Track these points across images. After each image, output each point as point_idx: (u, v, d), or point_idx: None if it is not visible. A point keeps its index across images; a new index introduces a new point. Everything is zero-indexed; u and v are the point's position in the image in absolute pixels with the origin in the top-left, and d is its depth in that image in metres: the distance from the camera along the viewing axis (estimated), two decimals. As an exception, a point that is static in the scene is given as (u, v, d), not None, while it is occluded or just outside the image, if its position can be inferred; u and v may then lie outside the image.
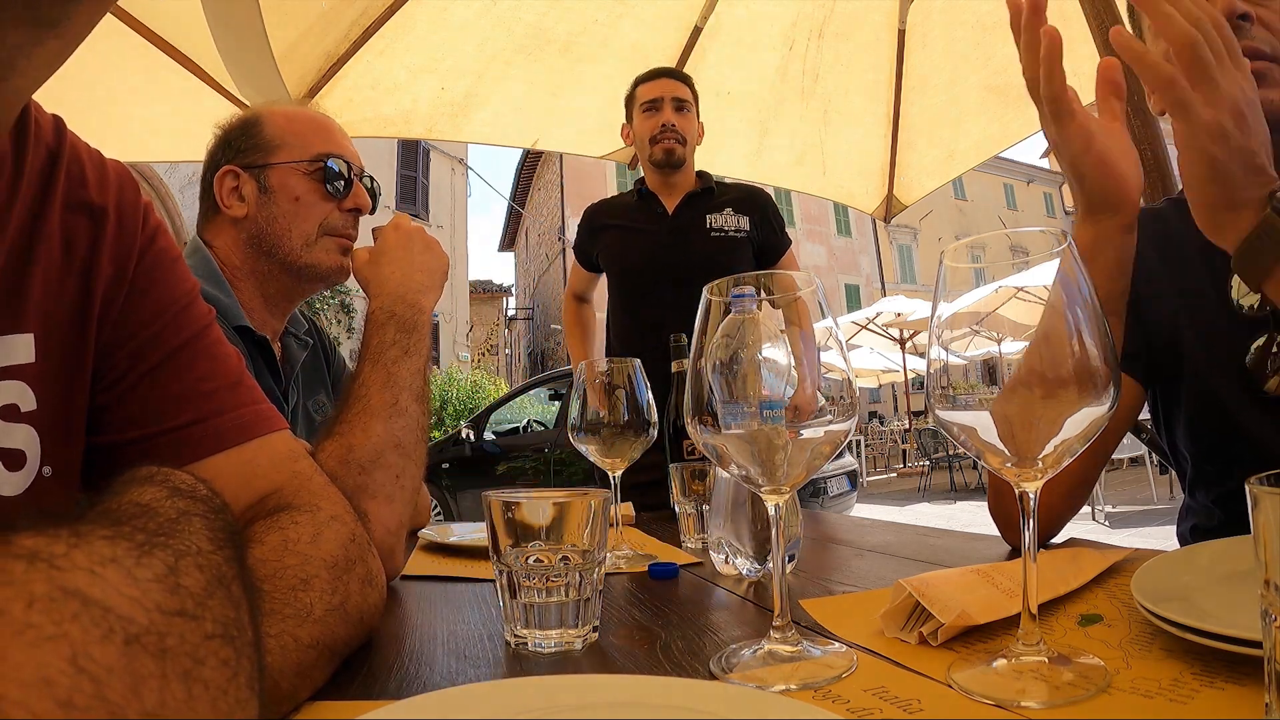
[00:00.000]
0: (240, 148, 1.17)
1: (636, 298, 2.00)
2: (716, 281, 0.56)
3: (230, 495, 0.40)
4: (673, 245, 1.98)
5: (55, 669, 0.21)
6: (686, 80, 2.05)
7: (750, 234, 2.00)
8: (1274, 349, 0.86)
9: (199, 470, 0.43)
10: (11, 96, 0.47)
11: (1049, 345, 0.47)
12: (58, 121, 0.60)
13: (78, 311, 0.58)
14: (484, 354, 16.89)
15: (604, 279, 2.19)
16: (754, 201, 2.06)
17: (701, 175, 2.10)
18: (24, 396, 0.54)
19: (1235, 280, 0.90)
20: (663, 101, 1.98)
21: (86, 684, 0.21)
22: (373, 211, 1.26)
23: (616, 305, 2.08)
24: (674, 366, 1.17)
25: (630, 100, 2.06)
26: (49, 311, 0.56)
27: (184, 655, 0.25)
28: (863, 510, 7.75)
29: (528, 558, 0.59)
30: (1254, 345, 0.87)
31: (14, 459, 0.53)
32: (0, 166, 0.54)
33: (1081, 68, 2.33)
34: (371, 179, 1.25)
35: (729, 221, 2.00)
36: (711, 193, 2.05)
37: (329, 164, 1.16)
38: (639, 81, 2.05)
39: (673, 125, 1.98)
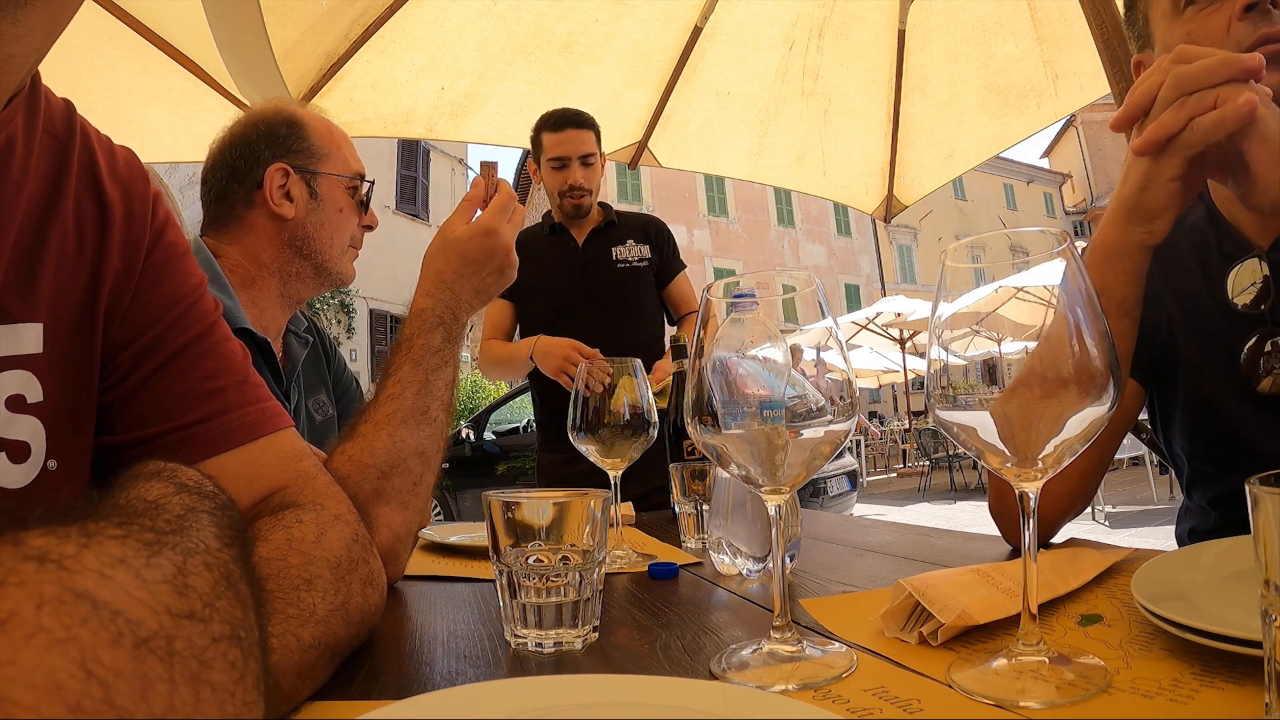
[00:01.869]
0: (290, 148, 1.19)
1: (554, 325, 2.06)
2: (716, 281, 0.56)
3: (235, 493, 0.40)
4: (584, 277, 2.11)
5: (65, 673, 0.21)
6: (592, 125, 2.07)
7: (651, 260, 2.16)
8: (1267, 348, 0.86)
9: (204, 469, 0.43)
10: (6, 64, 0.47)
11: (1049, 345, 0.47)
12: (68, 105, 0.59)
13: (86, 303, 0.57)
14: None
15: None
16: (651, 230, 2.20)
17: (603, 207, 2.20)
18: (30, 387, 0.53)
19: (1230, 280, 0.90)
20: (570, 161, 2.04)
21: (95, 688, 0.21)
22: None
23: (533, 332, 2.10)
24: (674, 367, 1.17)
25: (536, 144, 2.08)
26: (58, 301, 0.55)
27: (192, 658, 0.25)
28: (863, 510, 7.75)
29: (528, 558, 0.59)
30: (1247, 345, 0.87)
31: (19, 451, 0.53)
32: (10, 147, 0.53)
33: (1082, 66, 2.31)
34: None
35: (632, 252, 2.14)
36: (614, 225, 2.17)
37: (364, 184, 1.24)
38: (544, 127, 2.06)
39: (580, 184, 2.06)
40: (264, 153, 1.18)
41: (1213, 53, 0.66)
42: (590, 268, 2.13)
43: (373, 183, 1.28)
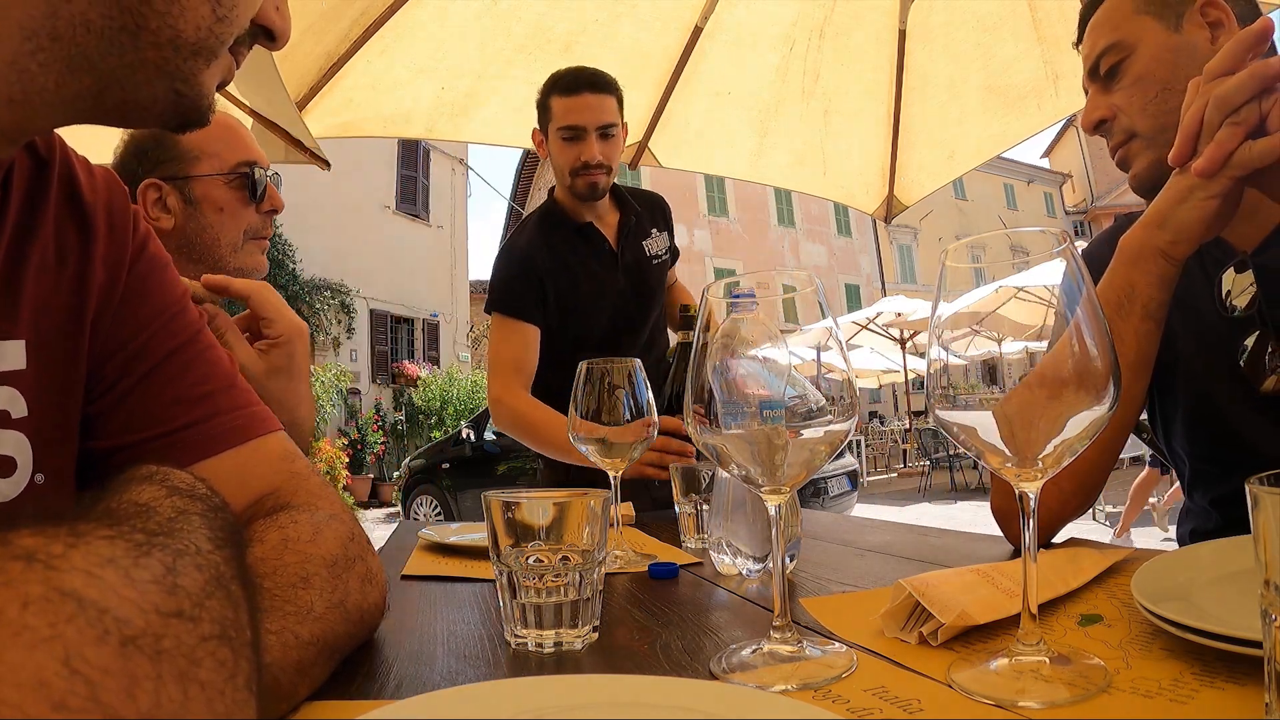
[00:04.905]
0: (158, 160, 1.18)
1: (619, 346, 1.70)
2: (715, 282, 0.56)
3: (228, 496, 0.41)
4: (629, 289, 1.74)
5: (50, 671, 0.21)
6: (613, 90, 1.68)
7: (670, 249, 1.85)
8: (1269, 348, 0.86)
9: (195, 472, 0.44)
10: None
11: (1051, 346, 0.47)
12: None
13: (70, 318, 0.58)
14: (476, 346, 16.88)
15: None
16: (660, 214, 1.86)
17: (611, 190, 1.78)
18: (14, 403, 0.54)
19: (1226, 284, 0.90)
20: (586, 132, 1.63)
21: (80, 686, 0.21)
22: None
23: (563, 364, 1.60)
24: (680, 337, 1.17)
25: (544, 110, 1.69)
26: (41, 317, 0.56)
27: (180, 656, 0.25)
28: (863, 510, 7.75)
29: (528, 558, 0.59)
30: (1247, 345, 0.87)
31: (4, 465, 0.53)
32: None
33: (1081, 66, 2.31)
34: (275, 174, 1.29)
35: (658, 244, 1.80)
36: (636, 215, 1.79)
37: (249, 173, 1.20)
38: (553, 89, 1.67)
39: (598, 161, 1.64)
40: (137, 171, 1.18)
41: (1238, 59, 0.68)
42: (632, 271, 1.75)
43: (262, 168, 1.22)
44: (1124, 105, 0.93)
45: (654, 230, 1.82)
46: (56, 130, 0.60)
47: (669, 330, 1.85)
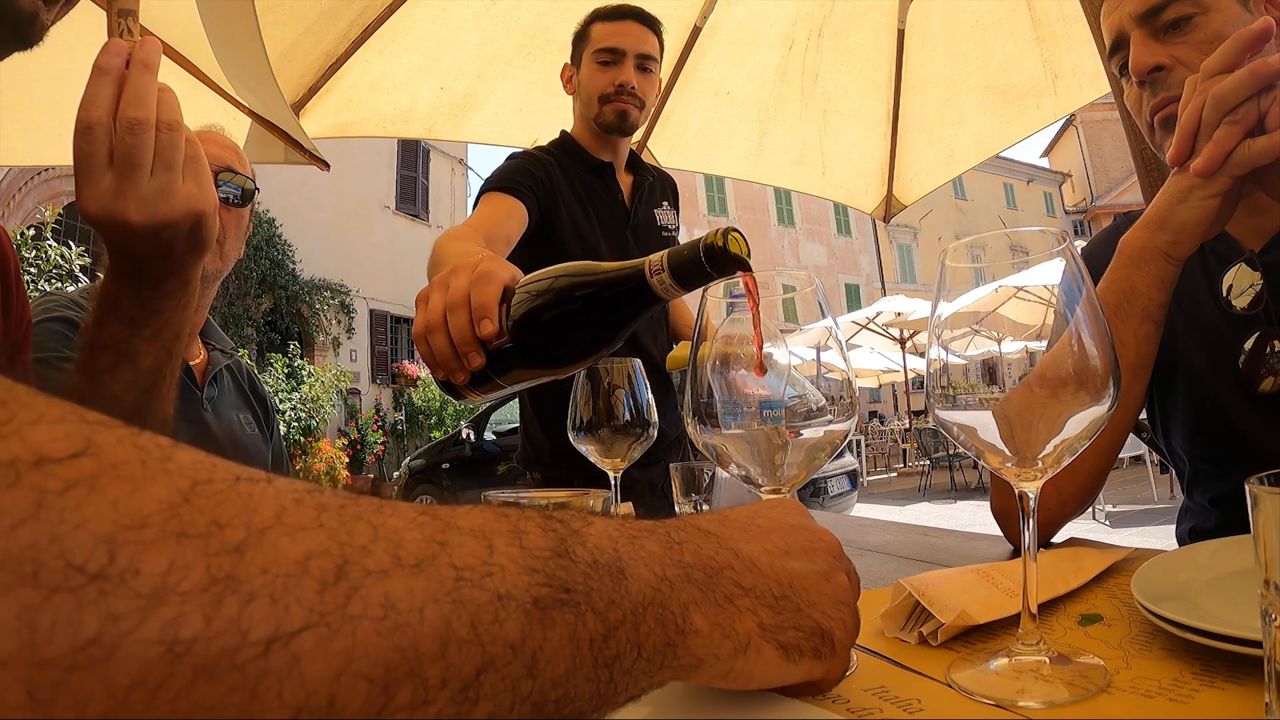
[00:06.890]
0: None
1: None
2: (715, 282, 0.56)
3: None
4: (636, 244, 1.66)
5: None
6: (656, 28, 1.62)
7: (676, 229, 1.79)
8: (1268, 349, 0.86)
9: None
10: None
11: (1051, 345, 0.47)
12: None
13: None
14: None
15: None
16: (672, 192, 1.81)
17: (631, 153, 1.75)
18: None
19: (1227, 282, 0.90)
20: (625, 57, 1.55)
21: None
22: (242, 204, 1.32)
23: None
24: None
25: (582, 39, 1.62)
26: None
27: None
28: (863, 510, 7.75)
29: (527, 558, 0.59)
30: (1246, 345, 0.87)
31: None
32: None
33: (1082, 65, 2.31)
34: (233, 175, 1.31)
35: (669, 218, 1.75)
36: (650, 176, 1.75)
37: None
38: (597, 17, 1.60)
39: (633, 88, 1.55)
40: None
41: (1236, 57, 0.68)
42: (641, 233, 1.66)
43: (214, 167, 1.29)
44: (1191, 60, 0.87)
45: (665, 203, 1.76)
46: None
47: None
